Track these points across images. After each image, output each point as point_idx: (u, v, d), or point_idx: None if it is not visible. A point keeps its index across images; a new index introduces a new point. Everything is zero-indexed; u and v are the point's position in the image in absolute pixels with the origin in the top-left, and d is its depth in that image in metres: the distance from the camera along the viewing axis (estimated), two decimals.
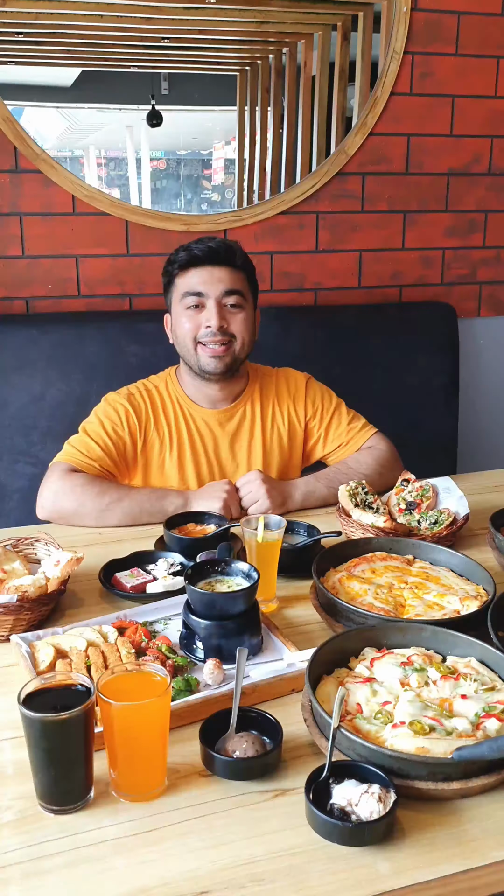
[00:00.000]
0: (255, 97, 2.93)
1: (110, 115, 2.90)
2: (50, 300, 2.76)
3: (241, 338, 2.11)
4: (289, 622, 1.58)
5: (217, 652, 1.40)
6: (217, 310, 2.08)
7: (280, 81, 2.92)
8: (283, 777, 1.17)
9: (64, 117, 2.83)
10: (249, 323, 2.13)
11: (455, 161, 3.09)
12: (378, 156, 2.98)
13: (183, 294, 2.11)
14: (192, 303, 2.09)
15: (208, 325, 2.07)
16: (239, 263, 2.12)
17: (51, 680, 1.15)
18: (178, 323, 2.13)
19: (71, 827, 1.09)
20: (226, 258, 2.10)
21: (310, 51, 2.90)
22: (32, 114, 2.71)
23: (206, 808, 1.12)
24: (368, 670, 1.32)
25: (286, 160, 2.97)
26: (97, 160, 2.91)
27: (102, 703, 1.09)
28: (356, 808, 1.06)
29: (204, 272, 2.09)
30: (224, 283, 2.09)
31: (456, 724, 1.18)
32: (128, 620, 1.52)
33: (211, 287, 2.08)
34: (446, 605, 1.54)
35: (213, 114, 3.05)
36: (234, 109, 2.95)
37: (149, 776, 1.14)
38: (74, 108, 2.84)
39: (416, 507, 1.94)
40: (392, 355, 3.00)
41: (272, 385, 2.26)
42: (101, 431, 2.10)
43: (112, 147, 2.92)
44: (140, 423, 2.14)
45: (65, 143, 2.85)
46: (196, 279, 2.09)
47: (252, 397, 2.22)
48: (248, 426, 2.21)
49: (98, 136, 2.91)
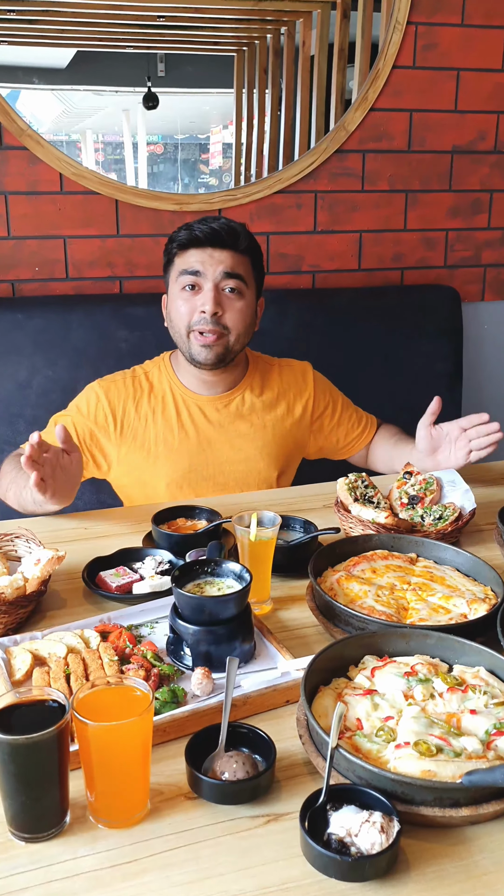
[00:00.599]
0: (252, 78, 2.85)
1: (106, 99, 2.82)
2: (36, 283, 2.65)
3: (235, 329, 2.01)
4: (283, 625, 1.48)
5: (206, 659, 1.30)
6: (213, 294, 1.97)
7: (278, 62, 2.83)
8: (275, 800, 1.08)
9: (59, 100, 2.76)
10: (247, 314, 2.03)
11: (459, 138, 2.98)
12: (379, 132, 2.87)
13: (180, 273, 2.01)
14: (188, 282, 1.99)
15: (203, 309, 1.97)
16: (243, 247, 2.01)
17: (25, 695, 1.05)
18: (173, 305, 2.04)
19: (43, 857, 0.99)
20: (229, 240, 1.99)
21: (308, 30, 2.81)
22: (27, 97, 2.65)
23: (192, 835, 1.02)
24: (369, 681, 1.22)
25: (284, 142, 2.87)
26: (94, 145, 2.81)
27: (78, 723, 1.00)
28: (356, 838, 0.96)
29: (204, 253, 1.98)
30: (224, 265, 1.98)
31: (465, 743, 1.08)
32: (112, 624, 1.42)
33: (209, 268, 1.98)
34: (452, 608, 1.44)
35: (210, 97, 2.98)
36: (231, 92, 2.87)
37: (129, 800, 1.04)
38: (70, 90, 2.76)
39: (419, 502, 1.84)
40: (392, 341, 2.90)
41: (274, 374, 2.17)
42: (68, 421, 2.05)
43: (109, 131, 2.86)
44: (113, 412, 2.06)
45: (61, 126, 2.78)
46: (195, 259, 1.99)
47: (251, 385, 2.12)
48: (247, 414, 2.11)
49: (94, 120, 2.85)
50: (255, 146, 2.91)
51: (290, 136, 2.88)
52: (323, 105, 2.85)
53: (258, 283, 2.08)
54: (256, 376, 2.14)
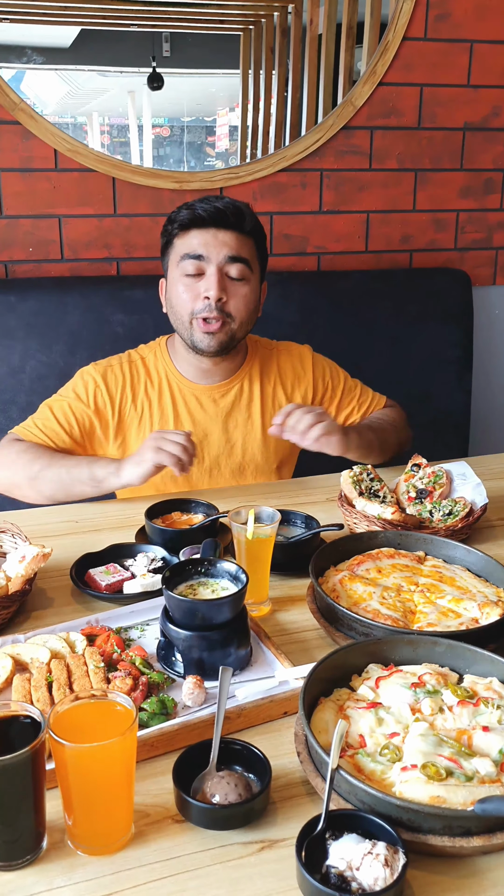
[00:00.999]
0: (258, 58, 2.79)
1: (112, 80, 2.79)
2: (30, 264, 2.56)
3: (239, 317, 1.90)
4: (282, 628, 1.40)
5: (199, 666, 1.22)
6: (217, 279, 1.86)
7: (285, 41, 2.76)
8: (270, 824, 0.99)
9: (64, 81, 2.72)
10: (251, 300, 1.93)
11: (472, 114, 2.86)
12: (388, 108, 2.76)
13: (181, 256, 1.89)
14: (190, 269, 1.88)
15: (206, 295, 1.86)
16: (248, 228, 1.90)
17: (0, 709, 0.96)
18: (174, 291, 1.93)
19: (16, 887, 0.91)
20: (234, 221, 1.87)
21: (316, 8, 2.73)
22: (32, 78, 2.60)
23: (179, 863, 0.94)
24: (373, 692, 1.14)
25: (291, 124, 2.80)
26: (100, 127, 2.74)
27: (54, 744, 0.91)
28: (357, 872, 0.87)
29: (207, 234, 1.87)
30: (229, 247, 1.87)
31: (477, 765, 0.99)
32: (99, 626, 1.34)
33: (213, 251, 1.86)
34: (463, 612, 1.35)
35: (216, 79, 2.94)
36: (237, 73, 2.82)
37: (110, 826, 0.96)
38: (74, 69, 2.72)
39: (427, 496, 1.75)
40: (400, 326, 2.81)
41: (273, 361, 2.07)
42: (65, 406, 1.95)
43: (114, 114, 2.82)
44: (112, 399, 1.96)
45: (66, 108, 2.75)
46: (197, 241, 1.87)
47: (250, 373, 2.03)
48: (245, 404, 2.01)
49: (100, 103, 2.82)
50: (261, 128, 2.84)
51: (297, 117, 2.80)
52: (331, 86, 2.78)
53: (262, 266, 1.98)
54: (255, 363, 2.04)
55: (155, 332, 2.11)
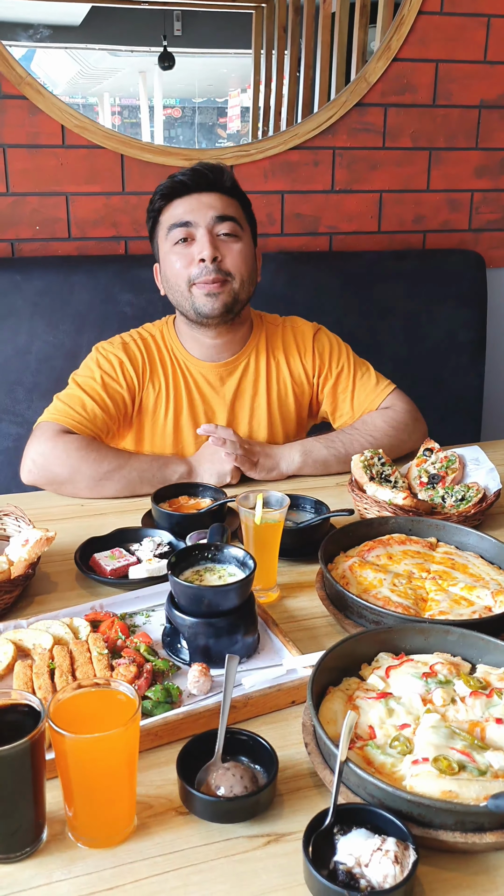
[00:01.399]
0: (271, 37, 2.74)
1: (123, 60, 2.75)
2: (37, 242, 2.52)
3: (238, 274, 1.86)
4: (291, 615, 1.37)
5: (204, 654, 1.19)
6: (209, 239, 1.83)
7: (298, 20, 2.71)
8: (277, 818, 0.96)
9: (75, 60, 2.67)
10: (248, 256, 1.89)
11: (488, 91, 2.80)
12: (402, 84, 2.70)
13: (169, 228, 1.87)
14: (180, 236, 1.85)
15: (201, 257, 1.83)
16: (229, 185, 1.89)
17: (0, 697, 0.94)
18: (168, 264, 1.89)
19: (14, 881, 0.88)
20: (214, 181, 1.86)
21: None
22: (42, 57, 2.55)
23: (182, 857, 0.91)
24: (383, 682, 1.11)
25: (303, 104, 2.73)
26: (112, 108, 2.69)
27: (54, 734, 0.88)
28: (366, 869, 0.85)
29: (191, 200, 1.86)
30: (214, 208, 1.85)
31: (490, 759, 0.96)
32: (103, 612, 1.31)
33: (199, 214, 1.84)
34: (476, 600, 1.31)
35: (228, 59, 2.89)
36: (249, 53, 2.77)
37: (112, 818, 0.93)
38: (84, 48, 2.67)
39: (439, 481, 1.71)
40: (413, 307, 2.76)
41: (278, 336, 2.02)
42: (96, 384, 1.88)
43: (125, 94, 2.78)
44: (137, 375, 1.92)
45: (77, 88, 2.70)
46: (181, 209, 1.86)
47: (256, 349, 1.99)
48: (252, 382, 1.98)
49: (111, 83, 2.76)
50: (273, 109, 2.80)
51: (310, 97, 2.75)
52: (344, 66, 2.73)
53: (252, 227, 1.95)
54: (261, 338, 2.00)
55: (163, 311, 2.08)
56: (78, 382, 1.89)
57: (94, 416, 1.84)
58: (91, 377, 1.89)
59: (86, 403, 1.85)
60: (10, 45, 2.39)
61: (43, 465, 1.75)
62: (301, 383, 2.02)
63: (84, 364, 1.94)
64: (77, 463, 1.74)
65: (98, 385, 1.87)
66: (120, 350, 1.92)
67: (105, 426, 1.87)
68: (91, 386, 1.87)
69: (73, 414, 1.82)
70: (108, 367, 1.90)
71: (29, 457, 1.77)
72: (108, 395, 1.88)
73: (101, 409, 1.85)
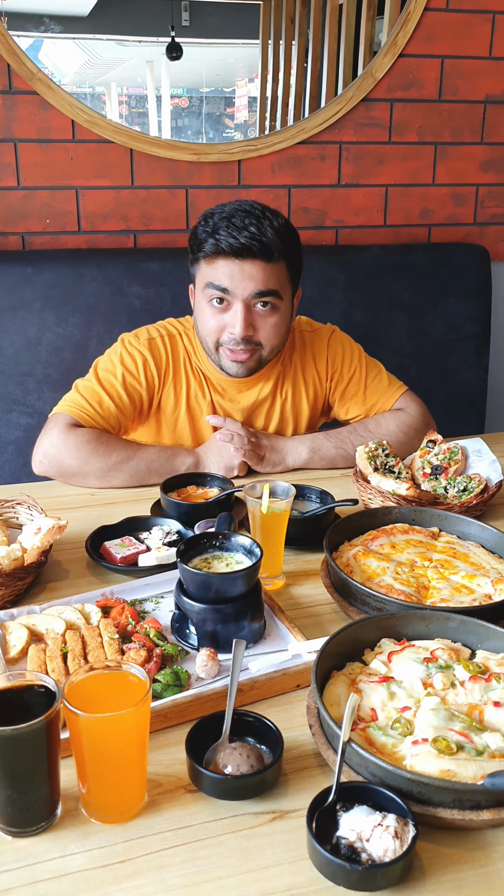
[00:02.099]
0: (278, 28, 2.75)
1: (130, 50, 2.76)
2: (47, 236, 2.55)
3: (269, 345, 1.84)
4: (296, 602, 1.40)
5: (212, 639, 1.22)
6: (244, 315, 1.77)
7: (305, 11, 2.73)
8: (282, 795, 1.00)
9: (82, 50, 2.69)
10: (281, 326, 1.84)
11: (494, 86, 2.82)
12: (408, 80, 2.72)
13: (206, 283, 1.80)
14: (216, 296, 1.79)
15: (232, 331, 1.79)
16: (277, 256, 1.76)
17: (16, 679, 0.97)
18: (201, 314, 1.85)
19: (30, 854, 0.92)
20: (261, 252, 1.73)
21: None
22: (50, 47, 2.56)
23: (190, 832, 0.95)
24: (385, 667, 1.14)
25: (310, 95, 2.75)
26: (119, 98, 2.71)
27: (69, 713, 0.92)
28: (367, 844, 0.88)
29: (233, 266, 1.75)
30: (256, 281, 1.75)
31: (488, 740, 0.99)
32: (114, 598, 1.35)
33: (239, 286, 1.76)
34: (476, 588, 1.35)
35: (235, 49, 2.90)
36: (256, 43, 2.78)
37: (123, 794, 0.97)
38: (92, 38, 2.69)
39: (442, 472, 1.75)
40: (418, 300, 2.78)
41: (294, 342, 2.02)
42: (116, 381, 1.87)
43: (133, 84, 2.79)
44: (159, 374, 1.91)
45: (84, 78, 2.72)
46: (222, 271, 1.76)
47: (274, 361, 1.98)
48: (270, 391, 1.97)
49: (118, 73, 2.77)
50: (280, 99, 2.80)
51: (317, 88, 2.77)
52: (351, 56, 2.75)
53: (294, 284, 1.87)
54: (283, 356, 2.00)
55: (172, 304, 2.11)
56: (98, 376, 1.88)
57: (109, 413, 1.85)
58: (112, 373, 1.88)
59: (103, 400, 1.85)
60: (18, 35, 2.41)
61: (54, 456, 1.78)
62: (316, 389, 2.03)
63: (108, 355, 1.93)
64: (87, 455, 1.77)
65: (118, 383, 1.87)
66: (145, 347, 1.90)
67: (118, 422, 1.88)
68: (110, 382, 1.87)
69: (87, 409, 1.84)
70: (130, 365, 1.89)
71: (41, 449, 1.80)
72: (127, 393, 1.88)
73: (116, 408, 1.86)
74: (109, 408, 1.85)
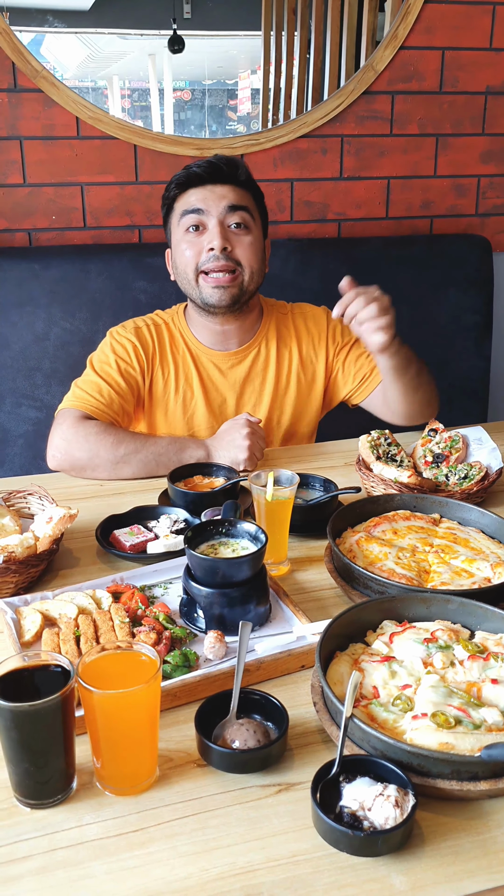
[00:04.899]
0: (280, 20, 2.76)
1: (132, 43, 2.76)
2: (53, 232, 2.59)
3: (248, 266, 1.92)
4: (300, 587, 1.44)
5: (220, 622, 1.27)
6: (220, 230, 1.90)
7: (307, 2, 2.73)
8: (287, 769, 1.04)
9: (84, 44, 2.69)
10: (258, 248, 1.95)
11: (494, 78, 2.84)
12: (409, 72, 2.74)
13: (181, 214, 1.93)
14: (191, 222, 1.92)
15: (210, 246, 1.89)
16: (243, 178, 1.95)
17: (30, 659, 1.02)
18: (178, 251, 1.96)
19: (48, 824, 0.97)
20: (229, 173, 1.92)
21: None
22: (51, 41, 2.58)
23: (200, 804, 0.99)
24: (387, 647, 1.18)
25: (313, 87, 2.76)
26: (121, 91, 2.73)
27: (83, 690, 0.96)
28: (369, 812, 0.93)
29: (205, 190, 1.92)
30: (227, 198, 1.91)
31: (485, 715, 1.03)
32: (124, 584, 1.39)
33: (212, 203, 1.91)
34: (476, 571, 1.39)
35: (238, 41, 2.90)
36: (259, 35, 2.78)
37: (136, 768, 1.01)
38: (94, 33, 2.69)
39: (443, 460, 1.78)
40: (421, 291, 2.81)
41: (289, 324, 2.08)
42: (111, 369, 1.95)
43: (135, 77, 2.79)
44: (147, 359, 1.99)
45: (86, 72, 2.72)
46: (195, 197, 1.92)
47: (266, 337, 2.05)
48: (261, 370, 2.04)
49: (120, 66, 2.78)
50: (283, 91, 2.82)
51: (319, 80, 2.78)
52: (353, 48, 2.75)
53: (263, 220, 2.01)
54: (272, 326, 2.06)
55: (177, 299, 2.14)
56: (94, 367, 1.96)
57: (111, 400, 1.91)
58: (106, 362, 1.96)
59: (102, 389, 1.91)
60: (21, 30, 2.42)
61: (66, 450, 1.82)
62: (313, 370, 2.07)
63: (99, 349, 2.01)
64: (96, 447, 1.81)
65: (113, 370, 1.94)
66: (132, 334, 1.99)
67: (122, 409, 1.94)
68: (106, 371, 1.95)
69: (90, 400, 1.90)
70: (121, 352, 1.97)
71: (53, 444, 1.85)
72: (124, 378, 1.95)
73: (116, 394, 1.93)
74: (111, 395, 1.92)
